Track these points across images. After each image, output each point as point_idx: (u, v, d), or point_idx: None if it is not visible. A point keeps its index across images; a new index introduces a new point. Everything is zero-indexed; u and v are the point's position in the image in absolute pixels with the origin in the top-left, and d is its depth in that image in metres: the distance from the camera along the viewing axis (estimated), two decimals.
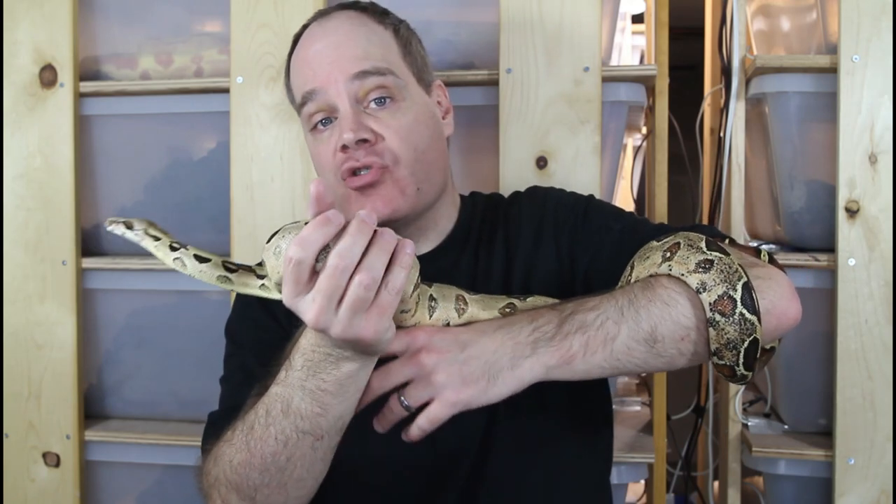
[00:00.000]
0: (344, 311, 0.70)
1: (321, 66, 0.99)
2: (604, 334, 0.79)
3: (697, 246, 0.81)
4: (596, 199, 1.08)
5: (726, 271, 0.78)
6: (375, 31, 1.02)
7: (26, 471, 1.54)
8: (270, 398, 0.82)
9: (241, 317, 1.08)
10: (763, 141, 1.51)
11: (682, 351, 0.80)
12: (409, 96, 1.01)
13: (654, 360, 0.81)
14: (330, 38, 1.00)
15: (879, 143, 1.35)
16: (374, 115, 0.98)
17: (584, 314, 0.80)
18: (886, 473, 1.35)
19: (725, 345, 0.78)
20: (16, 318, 1.54)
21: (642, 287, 0.81)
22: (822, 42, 1.43)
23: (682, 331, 0.79)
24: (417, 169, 0.99)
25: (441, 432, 0.95)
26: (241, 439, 0.84)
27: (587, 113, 1.35)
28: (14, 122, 1.53)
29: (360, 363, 0.78)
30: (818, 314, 1.42)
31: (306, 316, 0.71)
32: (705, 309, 0.78)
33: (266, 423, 0.82)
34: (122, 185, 1.58)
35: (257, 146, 1.44)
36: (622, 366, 0.80)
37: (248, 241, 1.44)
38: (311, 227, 0.69)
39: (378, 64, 0.99)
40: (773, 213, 1.53)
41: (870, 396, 1.35)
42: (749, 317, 0.77)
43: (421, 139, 1.00)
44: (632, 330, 0.79)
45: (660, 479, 1.48)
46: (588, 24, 1.35)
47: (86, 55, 1.55)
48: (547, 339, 0.79)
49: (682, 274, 0.80)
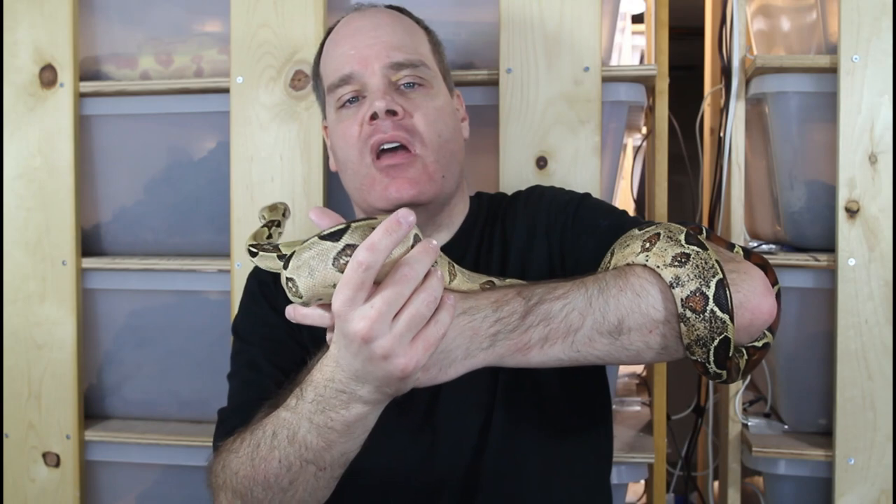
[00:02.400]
0: (400, 324, 0.68)
1: (360, 49, 1.02)
2: (567, 325, 0.77)
3: (676, 238, 0.80)
4: (591, 198, 1.08)
5: (701, 267, 0.77)
6: (412, 27, 1.07)
7: (26, 471, 1.54)
8: (279, 422, 0.80)
9: (247, 313, 1.09)
10: (763, 141, 1.51)
11: (649, 344, 0.79)
12: (437, 86, 1.05)
13: (619, 353, 0.79)
14: (371, 29, 1.03)
15: (879, 143, 1.35)
16: (403, 95, 1.01)
17: (550, 304, 0.78)
18: (886, 473, 1.35)
19: (696, 341, 0.77)
20: (16, 318, 1.54)
21: (615, 275, 0.80)
22: (822, 42, 1.43)
23: (650, 324, 0.78)
24: (441, 156, 1.01)
25: (438, 433, 0.95)
26: (246, 454, 0.83)
27: (587, 113, 1.36)
28: (14, 122, 1.53)
29: (371, 407, 0.76)
30: (818, 314, 1.42)
31: (359, 324, 0.68)
32: (677, 304, 0.77)
33: (272, 446, 0.81)
34: (122, 185, 1.58)
35: (257, 146, 1.44)
36: (582, 357, 0.79)
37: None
38: (381, 232, 0.67)
39: (412, 56, 1.02)
40: (773, 213, 1.53)
41: (870, 396, 1.35)
42: (720, 315, 0.76)
43: (445, 127, 1.02)
44: (597, 322, 0.77)
45: (660, 479, 1.48)
46: (588, 24, 1.36)
47: (86, 55, 1.55)
48: (508, 330, 0.77)
49: (657, 266, 0.79)
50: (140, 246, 1.58)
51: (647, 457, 1.43)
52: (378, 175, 0.99)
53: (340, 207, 1.39)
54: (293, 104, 1.43)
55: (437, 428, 0.98)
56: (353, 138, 1.01)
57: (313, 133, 1.42)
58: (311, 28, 1.42)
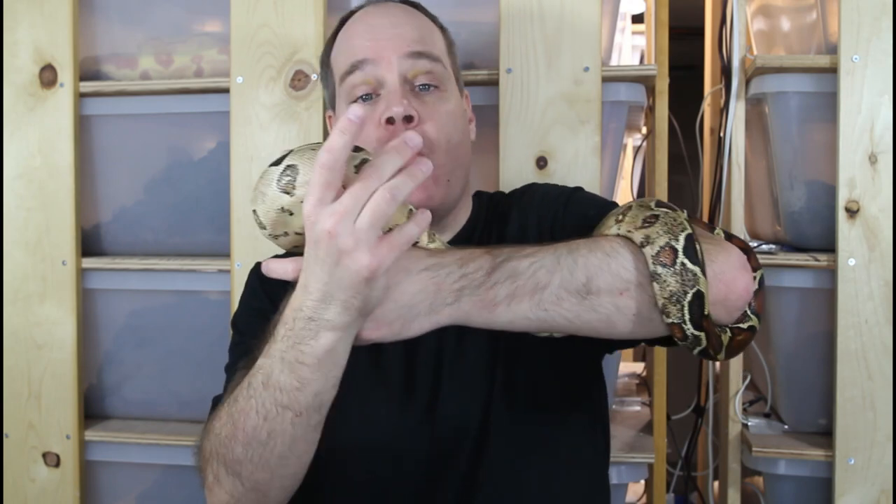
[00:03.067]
0: (362, 218, 0.69)
1: (377, 39, 1.01)
2: (534, 283, 0.76)
3: (647, 205, 0.80)
4: (582, 191, 1.08)
5: (670, 223, 0.77)
6: (429, 24, 1.07)
7: (26, 471, 1.54)
8: (254, 370, 0.81)
9: (246, 307, 1.10)
10: (763, 141, 1.51)
11: (620, 307, 0.78)
12: (450, 89, 1.05)
13: (588, 315, 0.78)
14: (388, 18, 1.03)
15: (879, 143, 1.35)
16: (417, 97, 1.00)
17: (517, 261, 0.77)
18: (886, 473, 1.35)
19: (669, 298, 0.76)
20: (16, 318, 1.54)
21: (587, 240, 0.80)
22: (822, 42, 1.43)
23: (621, 283, 0.77)
24: (449, 160, 1.01)
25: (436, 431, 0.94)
26: (226, 411, 0.83)
27: (587, 113, 1.36)
28: (14, 122, 1.53)
29: (340, 334, 0.75)
30: (818, 314, 1.42)
31: (326, 221, 0.69)
32: (648, 263, 0.77)
33: (248, 395, 0.81)
34: (122, 185, 1.58)
35: (257, 146, 1.44)
36: (550, 318, 0.78)
37: (248, 240, 1.44)
38: (336, 133, 0.69)
39: (431, 50, 1.02)
40: (773, 213, 1.53)
41: (870, 396, 1.35)
42: (691, 267, 0.75)
43: (455, 132, 1.02)
44: (564, 279, 0.76)
45: (660, 479, 1.48)
46: (588, 24, 1.36)
47: (86, 55, 1.55)
48: (474, 286, 0.76)
49: (629, 231, 0.79)
50: (140, 246, 1.58)
51: (647, 457, 1.43)
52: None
53: None
54: (293, 104, 1.43)
55: (435, 426, 0.98)
56: (366, 138, 0.99)
57: (313, 133, 1.42)
58: (311, 28, 1.42)
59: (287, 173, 0.74)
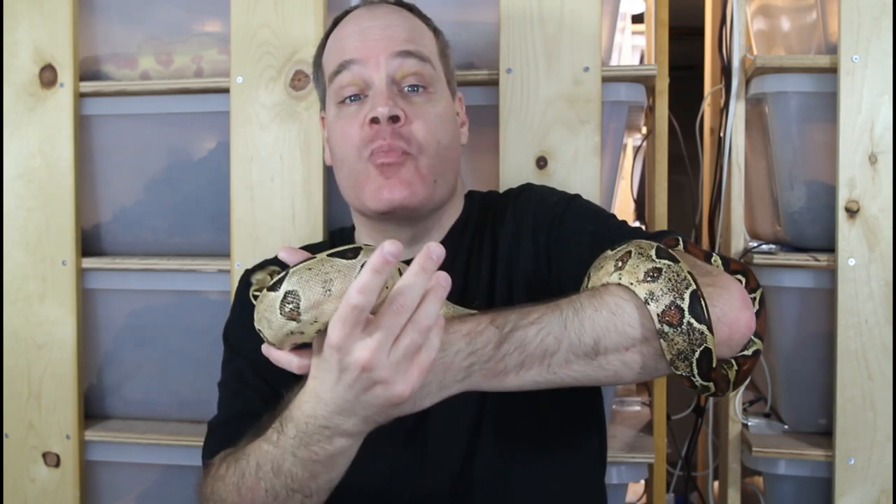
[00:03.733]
0: (398, 351, 0.69)
1: (366, 40, 1.01)
2: (542, 350, 0.76)
3: (647, 254, 0.78)
4: (580, 199, 1.07)
5: (674, 280, 0.76)
6: (420, 25, 1.07)
7: (26, 471, 1.54)
8: (262, 455, 0.81)
9: (237, 321, 1.09)
10: (763, 141, 1.51)
11: (627, 363, 0.78)
12: (440, 91, 1.04)
13: (597, 373, 0.78)
14: (379, 21, 1.03)
15: (879, 143, 1.35)
16: (405, 98, 1.00)
17: (524, 330, 0.76)
18: (886, 473, 1.35)
19: (677, 356, 0.76)
20: (16, 318, 1.54)
21: (590, 295, 0.79)
22: (822, 42, 1.43)
23: (627, 341, 0.77)
24: (437, 162, 1.01)
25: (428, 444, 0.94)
26: (232, 482, 0.84)
27: (587, 113, 1.35)
28: (14, 122, 1.53)
29: (354, 440, 0.77)
30: (818, 314, 1.42)
31: (360, 354, 0.68)
32: (654, 321, 0.76)
33: (257, 477, 0.81)
34: (122, 185, 1.58)
35: (257, 146, 1.44)
36: (559, 379, 0.78)
37: (248, 240, 1.44)
38: (369, 273, 0.67)
39: (421, 49, 1.02)
40: (773, 213, 1.53)
41: (870, 396, 1.35)
42: (698, 326, 0.74)
43: (444, 134, 1.02)
44: (573, 344, 0.76)
45: (660, 479, 1.48)
46: (588, 24, 1.35)
47: (86, 55, 1.55)
48: (483, 361, 0.75)
49: (631, 283, 0.78)
50: (140, 246, 1.58)
51: (647, 457, 1.43)
52: (373, 173, 0.99)
53: (341, 207, 1.39)
54: (293, 104, 1.43)
55: (427, 440, 0.98)
56: (352, 137, 1.00)
57: (313, 133, 1.42)
58: (311, 28, 1.42)
59: (288, 300, 0.71)
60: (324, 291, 0.70)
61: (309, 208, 1.42)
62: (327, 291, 0.70)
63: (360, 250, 0.72)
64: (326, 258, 0.72)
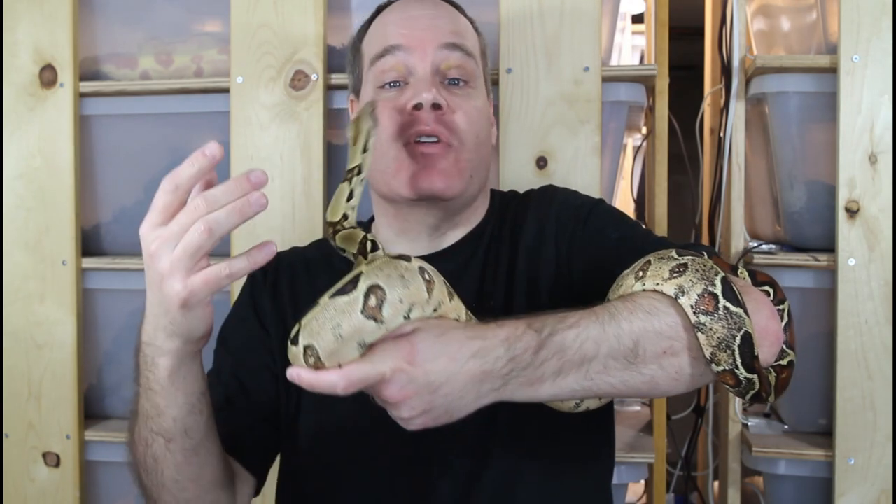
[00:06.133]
0: (178, 248, 0.72)
1: (413, 28, 1.01)
2: (581, 355, 0.73)
3: (668, 256, 0.77)
4: (604, 204, 1.05)
5: (701, 270, 0.74)
6: (465, 22, 1.07)
7: (26, 471, 1.54)
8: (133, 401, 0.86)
9: (233, 314, 1.11)
10: (763, 141, 1.51)
11: (664, 366, 0.75)
12: (480, 87, 1.05)
13: (634, 379, 0.75)
14: (427, 11, 1.04)
15: (879, 143, 1.35)
16: (448, 89, 1.00)
17: (563, 334, 0.73)
18: (886, 473, 1.35)
19: (718, 346, 0.73)
20: (16, 318, 1.54)
21: (622, 300, 0.77)
22: (822, 42, 1.43)
23: (664, 342, 0.74)
24: (475, 156, 1.01)
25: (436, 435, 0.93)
26: (133, 439, 0.89)
27: (587, 113, 1.35)
28: (14, 122, 1.53)
29: (173, 359, 0.80)
30: (818, 314, 1.42)
31: (151, 245, 0.73)
32: (688, 314, 0.74)
33: (132, 425, 0.87)
34: (122, 185, 1.58)
35: (257, 146, 1.44)
36: (595, 386, 0.75)
37: (249, 240, 1.44)
38: (187, 164, 0.73)
39: (466, 44, 1.02)
40: (773, 213, 1.53)
41: (870, 396, 1.35)
42: (734, 309, 0.72)
43: (482, 129, 1.03)
44: (612, 348, 0.74)
45: (660, 479, 1.48)
46: (588, 24, 1.35)
47: (86, 55, 1.55)
48: (521, 368, 0.72)
49: (657, 284, 0.76)
50: (140, 246, 1.57)
51: (647, 457, 1.43)
52: (408, 161, 0.98)
53: None
54: (293, 104, 1.43)
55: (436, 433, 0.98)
56: (390, 122, 0.99)
57: (313, 133, 1.42)
58: (311, 28, 1.42)
59: (309, 354, 0.69)
60: (335, 338, 0.69)
61: (309, 208, 1.42)
62: (339, 337, 0.69)
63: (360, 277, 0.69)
64: (328, 301, 0.69)
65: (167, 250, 0.72)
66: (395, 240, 1.06)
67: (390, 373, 0.69)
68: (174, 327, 0.77)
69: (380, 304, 0.69)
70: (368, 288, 0.69)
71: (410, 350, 0.70)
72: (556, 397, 0.76)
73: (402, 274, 0.71)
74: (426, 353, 0.70)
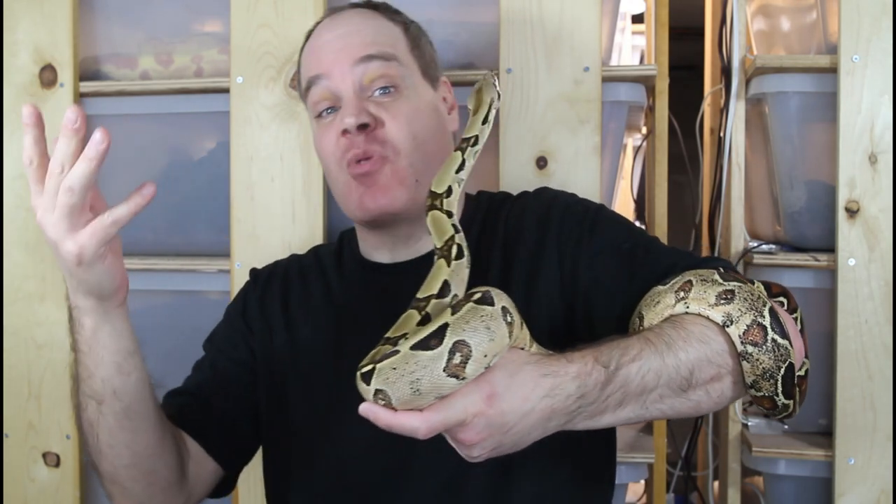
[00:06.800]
0: (56, 212, 0.75)
1: (328, 53, 1.02)
2: (642, 387, 0.75)
3: (712, 279, 0.78)
4: (606, 210, 1.04)
5: (750, 299, 0.75)
6: (384, 24, 1.06)
7: (26, 471, 1.54)
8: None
9: (225, 314, 1.15)
10: (763, 141, 1.51)
11: (709, 391, 0.78)
12: (413, 86, 1.03)
13: (682, 406, 0.78)
14: (340, 30, 1.03)
15: (879, 143, 1.35)
16: (375, 102, 1.00)
17: (627, 368, 0.75)
18: (886, 473, 1.35)
19: (762, 375, 0.75)
20: (16, 318, 1.54)
21: (673, 326, 0.78)
22: (822, 42, 1.43)
23: (713, 370, 0.77)
24: (416, 159, 1.00)
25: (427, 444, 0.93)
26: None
27: (587, 113, 1.35)
28: (14, 122, 1.53)
29: (93, 318, 0.83)
30: (818, 314, 1.42)
31: (38, 214, 0.76)
32: (735, 343, 0.76)
33: (75, 389, 0.91)
34: (122, 185, 1.57)
35: (257, 146, 1.44)
36: (648, 413, 0.77)
37: (249, 240, 1.44)
38: (61, 137, 0.74)
39: (383, 49, 1.01)
40: (773, 213, 1.53)
41: (870, 396, 1.35)
42: (781, 342, 0.74)
43: (422, 129, 1.01)
44: (671, 379, 0.76)
45: (660, 479, 1.48)
46: (588, 24, 1.35)
47: (86, 55, 1.55)
48: (588, 403, 0.74)
49: (702, 310, 0.77)
50: (140, 246, 1.57)
51: (647, 457, 1.43)
52: (353, 184, 1.00)
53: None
54: (293, 104, 1.43)
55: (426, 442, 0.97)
56: (330, 148, 1.01)
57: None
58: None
59: (380, 398, 0.68)
60: (412, 392, 0.67)
61: (309, 208, 1.42)
62: (416, 391, 0.67)
63: (447, 331, 0.67)
64: (410, 353, 0.67)
65: (48, 217, 0.75)
66: (375, 252, 1.08)
67: (470, 418, 0.69)
68: (83, 286, 0.81)
69: (464, 362, 0.68)
70: (454, 344, 0.67)
71: (490, 392, 0.70)
72: (612, 425, 0.78)
73: (488, 324, 0.69)
74: (503, 394, 0.70)
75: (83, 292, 0.82)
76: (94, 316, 0.84)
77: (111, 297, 0.83)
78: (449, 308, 0.70)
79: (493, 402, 0.69)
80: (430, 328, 0.68)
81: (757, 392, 0.77)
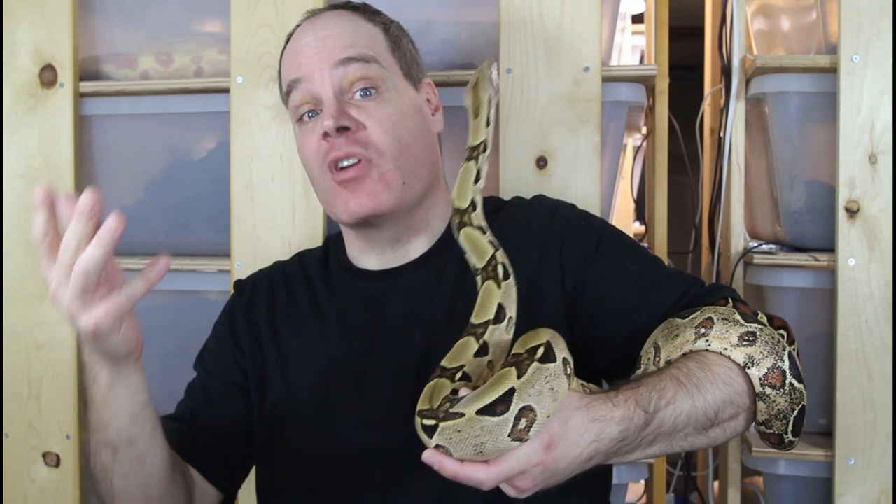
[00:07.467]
0: (69, 291, 0.75)
1: (307, 57, 1.01)
2: (672, 428, 0.78)
3: (734, 319, 0.80)
4: (609, 226, 1.04)
5: (770, 343, 0.78)
6: (363, 25, 1.04)
7: (26, 471, 1.54)
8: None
9: (212, 332, 1.15)
10: (763, 141, 1.51)
11: (726, 430, 0.82)
12: (394, 88, 1.01)
13: (701, 442, 0.81)
14: (318, 33, 1.02)
15: (879, 143, 1.35)
16: (357, 105, 0.99)
17: (663, 412, 0.78)
18: (886, 473, 1.35)
19: (775, 415, 0.79)
20: (16, 318, 1.54)
21: (699, 366, 0.81)
22: (822, 42, 1.43)
23: (733, 410, 0.80)
24: (402, 162, 0.99)
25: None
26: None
27: (587, 113, 1.35)
28: (14, 122, 1.53)
29: (110, 374, 0.84)
30: (818, 314, 1.42)
31: (51, 286, 0.77)
32: (755, 384, 0.79)
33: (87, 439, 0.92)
34: (122, 185, 1.58)
35: (257, 146, 1.44)
36: (670, 449, 0.80)
37: (249, 240, 1.44)
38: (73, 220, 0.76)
39: (363, 51, 1.00)
40: (773, 213, 1.53)
41: (870, 396, 1.35)
42: (797, 386, 0.78)
43: (405, 131, 1.00)
44: (699, 420, 0.79)
45: (660, 479, 1.48)
46: (588, 24, 1.35)
47: (86, 55, 1.55)
48: (626, 445, 0.77)
49: (724, 349, 0.80)
50: (140, 246, 1.57)
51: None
52: (338, 189, 0.99)
53: None
54: None
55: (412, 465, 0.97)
56: (312, 153, 1.00)
57: None
58: None
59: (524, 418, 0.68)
60: (475, 453, 0.69)
61: (309, 208, 1.42)
62: (479, 453, 0.68)
63: (513, 397, 0.67)
64: (475, 417, 0.67)
65: (62, 291, 0.76)
66: (362, 256, 1.08)
67: (531, 468, 0.71)
68: (98, 350, 0.81)
69: (528, 427, 0.69)
70: (520, 410, 0.68)
71: (549, 442, 0.71)
72: (637, 460, 0.80)
73: (552, 385, 0.70)
74: (558, 442, 0.72)
75: (98, 354, 0.83)
76: (109, 373, 0.85)
77: (126, 359, 0.85)
78: (514, 368, 0.70)
79: (550, 451, 0.71)
80: (497, 391, 0.68)
81: (767, 430, 0.80)
